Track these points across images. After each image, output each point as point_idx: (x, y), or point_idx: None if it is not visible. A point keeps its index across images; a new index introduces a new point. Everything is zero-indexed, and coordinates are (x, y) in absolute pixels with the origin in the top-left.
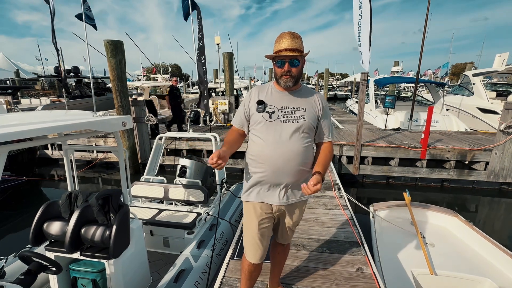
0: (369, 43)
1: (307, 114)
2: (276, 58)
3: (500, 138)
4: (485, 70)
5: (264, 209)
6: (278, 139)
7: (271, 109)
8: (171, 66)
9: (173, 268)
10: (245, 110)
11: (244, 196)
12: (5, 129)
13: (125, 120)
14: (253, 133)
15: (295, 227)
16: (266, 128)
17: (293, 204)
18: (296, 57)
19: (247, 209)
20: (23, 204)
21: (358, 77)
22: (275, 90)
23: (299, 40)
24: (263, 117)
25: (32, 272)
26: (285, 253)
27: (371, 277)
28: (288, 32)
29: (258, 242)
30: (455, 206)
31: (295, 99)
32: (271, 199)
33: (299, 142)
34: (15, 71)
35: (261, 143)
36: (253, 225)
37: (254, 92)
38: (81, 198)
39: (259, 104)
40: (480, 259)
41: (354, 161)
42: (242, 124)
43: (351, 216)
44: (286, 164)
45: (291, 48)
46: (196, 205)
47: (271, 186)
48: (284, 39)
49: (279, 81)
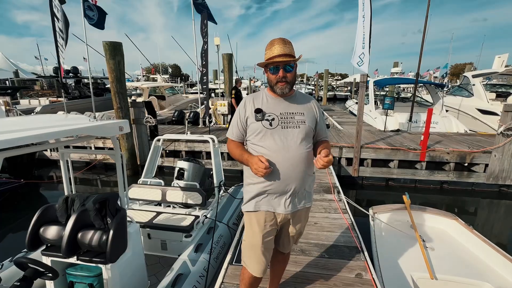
0: (369, 45)
1: (306, 118)
2: (269, 65)
3: (500, 140)
4: (485, 71)
5: (268, 220)
6: (282, 145)
7: (270, 116)
8: (170, 67)
9: (171, 272)
10: (242, 121)
11: (247, 207)
12: (4, 135)
13: (122, 125)
14: (253, 143)
15: (298, 236)
16: (268, 136)
17: (298, 212)
18: (289, 62)
19: (251, 222)
20: (21, 207)
21: (358, 77)
22: (271, 97)
23: (290, 45)
24: (263, 126)
25: (28, 278)
26: (285, 261)
27: (371, 283)
28: (279, 38)
29: (262, 257)
30: (455, 208)
31: (292, 105)
32: (277, 208)
33: (303, 147)
34: (14, 71)
35: (265, 152)
36: (257, 239)
37: (249, 101)
38: (78, 202)
39: (257, 113)
40: (480, 263)
41: (354, 163)
42: (240, 135)
43: (350, 220)
44: (293, 170)
45: (284, 53)
46: (194, 208)
47: (277, 194)
48: (275, 46)
49: (275, 88)
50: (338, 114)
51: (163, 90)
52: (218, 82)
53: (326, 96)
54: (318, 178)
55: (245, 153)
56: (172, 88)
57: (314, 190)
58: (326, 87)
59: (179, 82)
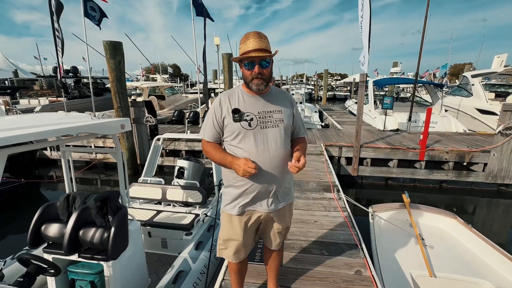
0: (368, 45)
1: (284, 116)
2: (244, 60)
3: (498, 140)
4: (484, 71)
5: (251, 219)
6: (263, 148)
7: (249, 116)
8: (170, 66)
9: (171, 270)
10: (218, 121)
11: (228, 209)
12: (4, 133)
13: (123, 123)
14: (232, 145)
15: (286, 231)
16: (248, 138)
17: (281, 209)
18: (265, 58)
19: (231, 222)
20: (22, 206)
21: (357, 77)
22: (247, 95)
23: (266, 40)
24: (242, 126)
25: (31, 274)
26: (279, 257)
27: (370, 279)
28: (254, 32)
29: (242, 249)
30: (454, 207)
31: (269, 102)
32: (260, 208)
33: (283, 146)
34: (14, 71)
35: (245, 155)
36: (238, 237)
37: (224, 100)
38: (79, 200)
39: (235, 113)
40: (479, 261)
41: (353, 162)
42: (217, 136)
43: (350, 218)
44: (275, 171)
45: (259, 48)
46: (194, 206)
47: (259, 195)
48: (250, 40)
49: (250, 84)
50: (337, 114)
51: (163, 90)
52: (218, 82)
53: (325, 96)
54: (318, 177)
55: (228, 156)
56: (171, 88)
57: (314, 189)
58: (325, 87)
59: (178, 82)
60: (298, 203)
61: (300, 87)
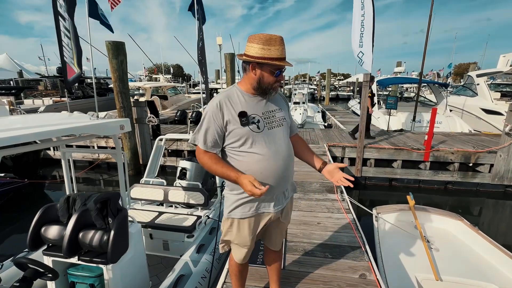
0: (372, 44)
1: (285, 114)
2: (271, 66)
3: (505, 140)
4: (489, 71)
5: (261, 222)
6: (275, 149)
7: (255, 118)
8: (173, 67)
9: (172, 273)
10: (219, 126)
11: (238, 214)
12: (3, 133)
13: (123, 124)
14: (242, 151)
15: (285, 229)
16: (259, 142)
17: (286, 205)
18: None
19: (240, 226)
20: (25, 207)
21: (360, 77)
22: (248, 96)
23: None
24: (251, 130)
25: (28, 279)
26: (280, 257)
27: (375, 283)
28: (280, 37)
29: (249, 250)
30: (459, 209)
31: (269, 102)
32: (268, 209)
33: (289, 145)
34: (19, 71)
35: (259, 158)
36: (247, 240)
37: (224, 103)
38: (79, 201)
39: (242, 117)
40: (486, 264)
41: (357, 163)
42: (217, 144)
43: (353, 220)
44: (287, 171)
45: (285, 57)
46: (196, 208)
47: (271, 197)
48: (277, 47)
49: (270, 89)
50: (340, 114)
51: (166, 90)
52: (220, 82)
53: (328, 96)
54: (321, 178)
55: (232, 171)
56: (174, 88)
57: (317, 190)
58: (328, 87)
59: (181, 82)
60: (301, 204)
61: (302, 87)
